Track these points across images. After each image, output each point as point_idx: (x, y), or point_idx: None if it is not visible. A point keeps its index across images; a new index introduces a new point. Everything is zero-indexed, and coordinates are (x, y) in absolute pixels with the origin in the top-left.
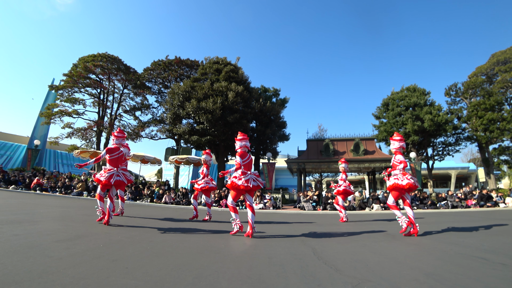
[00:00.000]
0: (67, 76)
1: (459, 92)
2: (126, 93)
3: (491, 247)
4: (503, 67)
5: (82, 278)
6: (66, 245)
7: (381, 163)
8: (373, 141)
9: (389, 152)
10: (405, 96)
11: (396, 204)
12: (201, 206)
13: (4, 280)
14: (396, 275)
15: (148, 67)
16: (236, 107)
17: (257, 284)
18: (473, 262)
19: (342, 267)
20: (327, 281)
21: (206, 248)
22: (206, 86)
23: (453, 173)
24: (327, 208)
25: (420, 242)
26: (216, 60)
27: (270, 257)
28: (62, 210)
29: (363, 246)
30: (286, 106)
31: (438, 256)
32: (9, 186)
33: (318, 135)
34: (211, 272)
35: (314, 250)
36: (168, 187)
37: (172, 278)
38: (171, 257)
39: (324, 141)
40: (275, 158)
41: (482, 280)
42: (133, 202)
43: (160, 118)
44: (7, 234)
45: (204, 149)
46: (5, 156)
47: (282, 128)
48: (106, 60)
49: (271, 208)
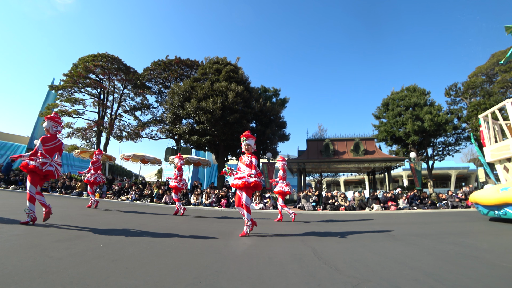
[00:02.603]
0: (67, 76)
1: (459, 92)
2: (126, 93)
3: (491, 247)
4: (503, 67)
5: (82, 278)
6: (66, 245)
7: (381, 163)
8: (373, 141)
9: (389, 152)
10: (405, 96)
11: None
12: (201, 206)
13: (4, 280)
14: (396, 275)
15: (148, 67)
16: (236, 107)
17: (257, 284)
18: (473, 262)
19: (342, 267)
20: (327, 281)
21: (206, 248)
22: (206, 86)
23: (453, 173)
24: (327, 208)
25: (420, 242)
26: (216, 60)
27: (270, 257)
28: (62, 210)
29: (363, 246)
30: (286, 106)
31: (438, 256)
32: (9, 186)
33: (318, 135)
34: (211, 272)
35: (314, 250)
36: (168, 187)
37: (172, 278)
38: (171, 257)
39: (324, 141)
40: (275, 158)
41: (482, 280)
42: (133, 202)
43: (160, 118)
44: (7, 234)
45: (204, 149)
46: (5, 156)
47: (282, 128)
48: (106, 60)
49: (271, 208)
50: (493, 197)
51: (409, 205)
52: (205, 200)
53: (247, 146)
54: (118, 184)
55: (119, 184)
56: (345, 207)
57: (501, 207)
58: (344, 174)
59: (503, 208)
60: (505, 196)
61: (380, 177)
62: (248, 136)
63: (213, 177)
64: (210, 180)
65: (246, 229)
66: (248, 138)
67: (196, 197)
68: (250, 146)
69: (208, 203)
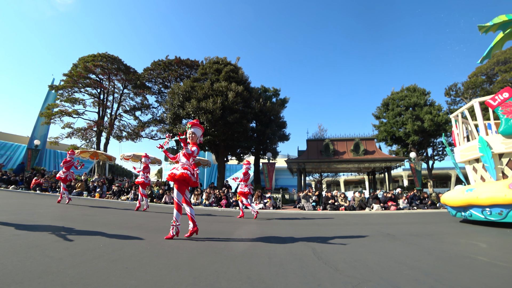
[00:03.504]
0: (67, 76)
1: (459, 92)
2: (126, 93)
3: (491, 247)
4: (503, 67)
5: (82, 278)
6: (66, 245)
7: (381, 163)
8: (373, 141)
9: (389, 152)
10: (405, 96)
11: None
12: (201, 206)
13: (4, 280)
14: (396, 275)
15: (148, 67)
16: (236, 107)
17: (257, 284)
18: (473, 262)
19: (342, 267)
20: (327, 281)
21: (206, 248)
22: (206, 86)
23: (453, 173)
24: (327, 208)
25: (420, 242)
26: (216, 60)
27: (270, 257)
28: (62, 210)
29: (363, 246)
30: (286, 106)
31: (438, 256)
32: (9, 186)
33: (318, 135)
34: (211, 272)
35: (314, 250)
36: (168, 187)
37: (172, 278)
38: (171, 257)
39: (324, 141)
40: (275, 158)
41: (482, 280)
42: (133, 202)
43: (160, 118)
44: (7, 234)
45: (204, 149)
46: (5, 156)
47: (282, 128)
48: (106, 60)
49: (271, 208)
50: (459, 198)
51: (409, 205)
52: (205, 200)
53: (192, 134)
54: (118, 184)
55: (119, 184)
56: (345, 207)
57: (467, 209)
58: (344, 174)
59: (468, 209)
60: (470, 198)
61: (380, 177)
62: (194, 124)
63: (213, 177)
64: (210, 180)
65: (171, 231)
66: (193, 126)
67: (196, 197)
68: (195, 135)
69: (208, 203)
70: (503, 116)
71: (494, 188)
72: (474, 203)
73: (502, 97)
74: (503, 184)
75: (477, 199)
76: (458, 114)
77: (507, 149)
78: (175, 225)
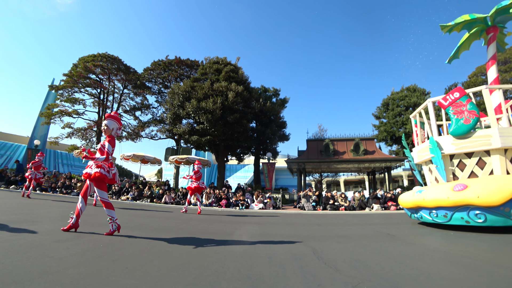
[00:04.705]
0: (67, 76)
1: None
2: (126, 93)
3: (492, 247)
4: (503, 67)
5: (82, 278)
6: (66, 245)
7: (381, 163)
8: (373, 141)
9: (389, 152)
10: (405, 96)
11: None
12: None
13: (4, 280)
14: (396, 275)
15: (148, 67)
16: (236, 107)
17: (257, 284)
18: (474, 262)
19: (342, 267)
20: (327, 281)
21: (206, 248)
22: (206, 86)
23: None
24: (327, 208)
25: (420, 242)
26: (216, 60)
27: (270, 257)
28: (62, 210)
29: (363, 246)
30: (286, 106)
31: (438, 256)
32: (9, 186)
33: (318, 135)
34: (211, 272)
35: (314, 250)
36: (168, 187)
37: (172, 278)
38: (171, 257)
39: (324, 141)
40: (275, 158)
41: (482, 280)
42: (134, 202)
43: (160, 118)
44: (7, 234)
45: (204, 149)
46: (5, 156)
47: (282, 128)
48: (106, 60)
49: (271, 208)
50: (410, 200)
51: None
52: (205, 200)
53: (105, 127)
54: (118, 184)
55: (119, 184)
56: (345, 207)
57: (417, 210)
58: (344, 174)
59: (419, 211)
60: (418, 199)
61: (380, 177)
62: (109, 117)
63: (213, 177)
64: (210, 180)
65: (111, 227)
66: (107, 118)
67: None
68: (108, 127)
69: (208, 203)
70: (453, 116)
71: (439, 190)
72: (422, 205)
73: (453, 97)
74: (448, 187)
75: (423, 201)
76: (416, 114)
77: (457, 150)
78: (113, 221)
